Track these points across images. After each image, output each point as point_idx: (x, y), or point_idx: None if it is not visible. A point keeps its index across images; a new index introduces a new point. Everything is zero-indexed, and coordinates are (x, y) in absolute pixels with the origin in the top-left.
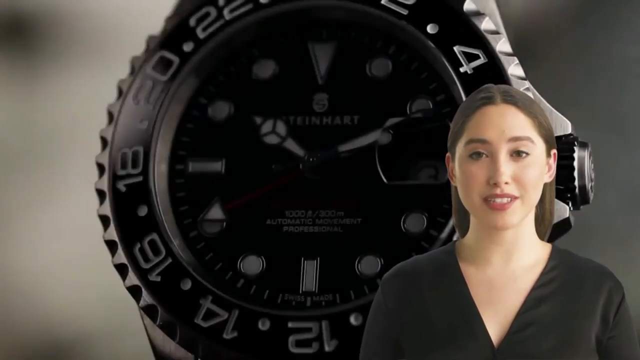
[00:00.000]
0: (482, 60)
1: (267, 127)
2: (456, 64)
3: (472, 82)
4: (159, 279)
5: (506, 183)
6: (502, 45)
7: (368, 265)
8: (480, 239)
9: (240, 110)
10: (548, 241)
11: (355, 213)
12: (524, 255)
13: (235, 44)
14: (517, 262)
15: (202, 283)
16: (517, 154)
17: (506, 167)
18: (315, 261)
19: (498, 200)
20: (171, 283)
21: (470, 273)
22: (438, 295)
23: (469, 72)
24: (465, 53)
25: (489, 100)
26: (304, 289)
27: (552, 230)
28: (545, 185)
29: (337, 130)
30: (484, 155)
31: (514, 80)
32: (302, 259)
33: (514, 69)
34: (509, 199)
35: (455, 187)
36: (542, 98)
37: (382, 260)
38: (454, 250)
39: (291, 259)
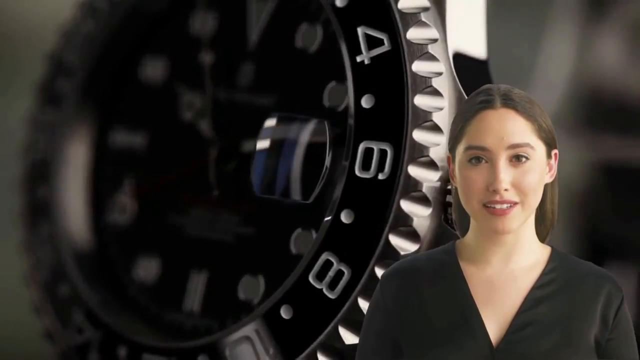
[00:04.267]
0: (385, 47)
1: (187, 98)
2: (354, 50)
3: (365, 77)
4: None
5: (505, 190)
6: (414, 31)
7: (248, 287)
8: (480, 240)
9: (172, 73)
10: None
11: (249, 221)
12: (523, 256)
13: None
14: (517, 262)
15: (79, 289)
16: (516, 159)
17: (505, 174)
18: (203, 275)
19: (498, 206)
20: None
21: (471, 272)
22: (438, 294)
23: (365, 62)
24: (369, 37)
25: (488, 105)
26: (188, 308)
27: None
28: (546, 185)
29: (254, 113)
30: (483, 161)
31: (417, 78)
32: (192, 271)
33: (418, 64)
34: (509, 205)
35: (456, 188)
36: None
37: (264, 282)
38: (454, 249)
39: (182, 270)
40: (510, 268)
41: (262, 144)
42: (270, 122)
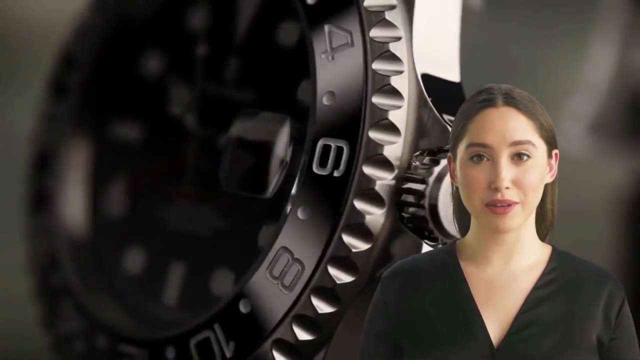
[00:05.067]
0: (348, 45)
1: (177, 92)
2: (320, 48)
3: (328, 74)
4: None
5: (507, 188)
6: (378, 29)
7: (220, 281)
8: (481, 239)
9: (166, 68)
10: None
11: (222, 215)
12: (524, 256)
13: None
14: (518, 262)
15: (70, 279)
16: (518, 157)
17: (507, 172)
18: (180, 268)
19: (499, 205)
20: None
21: (472, 272)
22: (438, 294)
23: (329, 59)
24: (334, 34)
25: (490, 103)
26: (165, 302)
27: None
28: (546, 185)
29: (233, 107)
30: (484, 159)
31: (377, 76)
32: (170, 264)
33: (379, 63)
34: (509, 204)
35: (457, 187)
36: None
37: (234, 278)
38: (455, 249)
39: (163, 263)
40: (511, 268)
41: (228, 139)
42: (237, 118)
